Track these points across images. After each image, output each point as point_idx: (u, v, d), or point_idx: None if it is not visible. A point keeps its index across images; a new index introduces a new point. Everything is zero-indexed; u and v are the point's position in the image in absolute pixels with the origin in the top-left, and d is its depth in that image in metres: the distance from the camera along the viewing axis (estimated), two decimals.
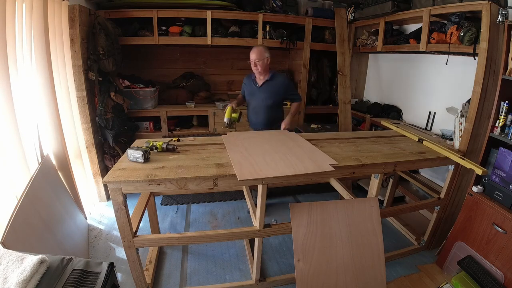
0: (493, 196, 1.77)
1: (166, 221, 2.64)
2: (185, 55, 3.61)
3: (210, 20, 2.94)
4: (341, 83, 3.31)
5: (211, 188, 1.55)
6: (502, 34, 1.72)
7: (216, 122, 3.29)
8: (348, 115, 3.29)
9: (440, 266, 2.08)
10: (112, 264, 1.14)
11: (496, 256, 1.70)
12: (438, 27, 2.28)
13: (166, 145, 1.77)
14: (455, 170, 2.03)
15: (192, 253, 2.23)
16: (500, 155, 1.71)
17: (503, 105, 1.67)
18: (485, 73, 1.83)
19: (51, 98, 2.04)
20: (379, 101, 3.45)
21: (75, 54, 2.41)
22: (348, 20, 3.34)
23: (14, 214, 1.39)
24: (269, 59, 2.34)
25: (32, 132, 1.88)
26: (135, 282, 1.75)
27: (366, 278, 1.68)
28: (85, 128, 2.59)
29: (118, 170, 1.51)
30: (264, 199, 1.63)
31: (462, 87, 2.27)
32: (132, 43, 2.94)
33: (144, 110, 3.12)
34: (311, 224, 1.69)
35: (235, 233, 1.77)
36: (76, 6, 2.33)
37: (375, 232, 1.73)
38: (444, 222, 2.21)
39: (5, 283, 0.95)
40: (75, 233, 2.09)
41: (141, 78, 3.26)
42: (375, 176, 1.83)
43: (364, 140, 2.18)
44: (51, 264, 1.05)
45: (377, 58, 3.56)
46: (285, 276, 1.99)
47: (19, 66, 1.73)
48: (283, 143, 1.98)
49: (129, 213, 1.54)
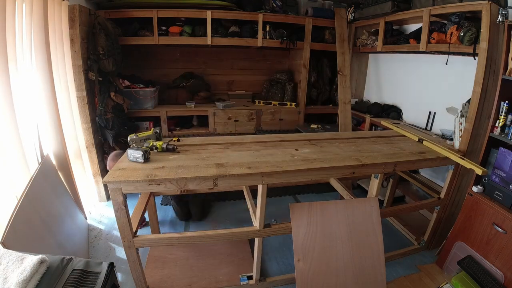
0: (493, 196, 1.77)
1: (166, 221, 2.64)
2: (185, 55, 3.61)
3: (210, 20, 2.94)
4: (341, 83, 3.31)
5: (211, 188, 1.55)
6: (502, 34, 1.72)
7: (216, 122, 3.29)
8: (348, 115, 3.29)
9: (440, 266, 2.08)
10: (112, 264, 1.13)
11: (496, 256, 1.70)
12: (438, 27, 2.28)
13: (166, 145, 1.77)
14: (455, 170, 2.03)
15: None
16: (500, 155, 1.71)
17: (503, 105, 1.67)
18: (485, 73, 1.83)
19: (51, 98, 2.04)
20: (379, 101, 3.45)
21: (75, 54, 2.41)
22: (348, 20, 3.34)
23: (14, 214, 1.39)
24: None
25: (32, 132, 1.88)
26: (135, 282, 1.75)
27: (366, 278, 1.68)
28: (85, 128, 2.59)
29: (118, 170, 1.51)
30: (264, 199, 1.63)
31: (462, 87, 2.27)
32: (132, 43, 2.94)
33: (144, 110, 3.12)
34: (311, 224, 1.69)
35: (235, 233, 1.77)
36: (76, 6, 2.33)
37: (375, 232, 1.73)
38: (444, 222, 2.21)
39: (5, 283, 0.95)
40: (75, 233, 2.09)
41: (141, 78, 3.26)
42: (375, 176, 1.83)
43: (364, 140, 2.18)
44: (51, 264, 1.05)
45: (377, 58, 3.55)
46: (285, 276, 1.99)
47: (19, 66, 1.72)
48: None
49: (129, 213, 1.54)
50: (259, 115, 3.41)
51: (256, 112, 3.39)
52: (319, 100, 3.77)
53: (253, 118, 3.40)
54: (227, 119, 3.32)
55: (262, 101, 3.69)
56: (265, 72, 3.93)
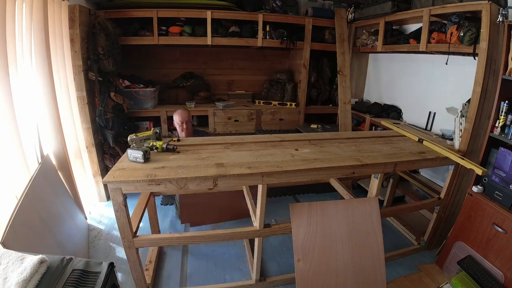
0: (493, 196, 1.77)
1: (166, 221, 2.64)
2: (185, 55, 3.61)
3: (210, 20, 2.94)
4: (341, 83, 3.31)
5: (211, 188, 1.55)
6: (502, 34, 1.72)
7: (216, 122, 3.29)
8: (348, 115, 3.29)
9: (440, 266, 2.08)
10: (112, 264, 1.13)
11: (496, 256, 1.70)
12: (438, 27, 2.28)
13: (166, 145, 1.76)
14: (455, 170, 2.03)
15: (192, 253, 2.23)
16: (500, 155, 1.71)
17: (503, 105, 1.67)
18: (485, 73, 1.83)
19: (51, 98, 2.04)
20: (379, 101, 3.45)
21: (75, 54, 2.41)
22: (348, 20, 3.34)
23: (14, 214, 1.39)
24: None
25: (32, 132, 1.88)
26: (135, 282, 1.75)
27: (366, 278, 1.68)
28: (85, 128, 2.59)
29: (118, 170, 1.51)
30: (264, 199, 1.63)
31: (462, 87, 2.27)
32: (132, 43, 2.94)
33: (144, 110, 3.12)
34: (311, 224, 1.69)
35: (235, 233, 1.76)
36: (76, 6, 2.33)
37: (375, 232, 1.73)
38: (444, 222, 2.21)
39: (5, 283, 0.95)
40: (75, 233, 2.09)
41: (141, 78, 3.26)
42: (375, 176, 1.83)
43: (364, 140, 2.18)
44: (51, 264, 1.05)
45: (377, 58, 3.55)
46: (285, 276, 1.99)
47: (19, 66, 1.72)
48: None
49: (129, 213, 1.54)
50: (259, 115, 3.42)
51: (256, 112, 3.39)
52: (319, 100, 3.77)
53: (253, 118, 3.40)
54: (227, 119, 3.32)
55: (262, 101, 3.69)
56: (265, 72, 3.93)
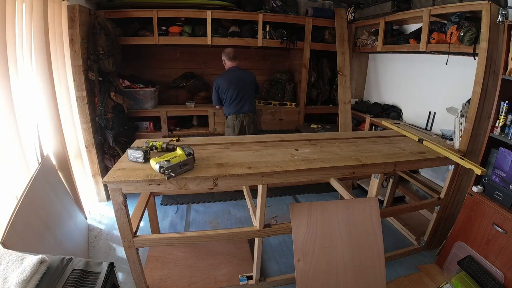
0: (493, 196, 1.77)
1: (166, 221, 2.64)
2: (185, 55, 3.61)
3: (210, 20, 2.94)
4: (341, 83, 3.31)
5: (211, 188, 1.55)
6: (502, 34, 1.72)
7: (216, 122, 3.29)
8: (348, 115, 3.29)
9: (440, 266, 2.08)
10: (112, 264, 1.13)
11: (496, 256, 1.70)
12: (438, 27, 2.28)
13: (166, 145, 1.76)
14: (455, 170, 2.03)
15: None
16: (500, 155, 1.71)
17: (503, 105, 1.67)
18: (485, 73, 1.83)
19: (51, 98, 2.04)
20: (379, 101, 3.45)
21: (75, 54, 2.41)
22: (348, 20, 3.34)
23: (14, 214, 1.39)
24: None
25: (32, 132, 1.88)
26: (135, 282, 1.75)
27: (366, 278, 1.68)
28: (85, 128, 2.59)
29: (118, 170, 1.51)
30: (264, 199, 1.63)
31: (462, 87, 2.27)
32: (132, 43, 2.93)
33: (144, 110, 3.11)
34: (311, 224, 1.69)
35: (235, 233, 1.77)
36: (76, 6, 2.33)
37: (375, 232, 1.73)
38: (444, 222, 2.21)
39: (5, 283, 0.95)
40: (75, 233, 2.09)
41: (141, 78, 3.25)
42: (375, 176, 1.83)
43: (364, 140, 2.18)
44: (51, 264, 1.05)
45: (377, 58, 3.55)
46: (285, 276, 1.99)
47: (19, 66, 1.72)
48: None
49: (129, 213, 1.54)
50: (259, 115, 3.41)
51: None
52: (319, 100, 3.77)
53: None
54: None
55: (262, 101, 3.69)
56: (265, 72, 3.93)
